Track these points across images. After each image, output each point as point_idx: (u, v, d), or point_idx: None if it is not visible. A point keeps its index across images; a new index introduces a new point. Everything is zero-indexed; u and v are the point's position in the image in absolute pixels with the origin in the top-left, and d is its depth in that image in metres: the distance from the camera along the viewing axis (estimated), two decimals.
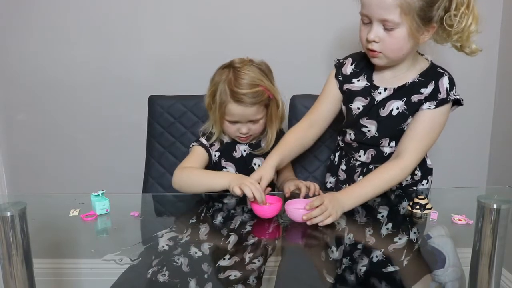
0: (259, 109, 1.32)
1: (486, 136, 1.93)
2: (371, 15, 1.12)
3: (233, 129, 1.33)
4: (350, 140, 1.33)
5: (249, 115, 1.30)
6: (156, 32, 1.78)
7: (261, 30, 1.78)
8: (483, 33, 1.83)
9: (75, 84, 1.84)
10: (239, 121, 1.32)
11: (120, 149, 1.90)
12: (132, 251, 0.95)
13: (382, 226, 1.08)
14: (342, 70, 1.31)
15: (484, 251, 0.67)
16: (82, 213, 1.14)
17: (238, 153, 1.39)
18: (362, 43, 1.19)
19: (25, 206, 0.64)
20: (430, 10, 1.09)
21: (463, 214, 1.09)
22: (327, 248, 1.00)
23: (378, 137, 1.26)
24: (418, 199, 1.14)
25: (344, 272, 0.89)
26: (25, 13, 1.77)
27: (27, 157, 1.93)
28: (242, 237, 1.02)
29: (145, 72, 1.82)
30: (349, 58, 1.33)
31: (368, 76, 1.27)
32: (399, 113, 1.22)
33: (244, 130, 1.32)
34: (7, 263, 0.64)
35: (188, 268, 0.90)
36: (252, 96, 1.28)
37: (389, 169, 1.18)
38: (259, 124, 1.35)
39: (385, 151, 1.28)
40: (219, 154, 1.39)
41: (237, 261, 0.91)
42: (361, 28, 1.18)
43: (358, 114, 1.27)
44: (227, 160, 1.38)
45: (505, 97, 1.83)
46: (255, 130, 1.35)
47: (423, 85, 1.20)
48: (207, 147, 1.38)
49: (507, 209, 0.65)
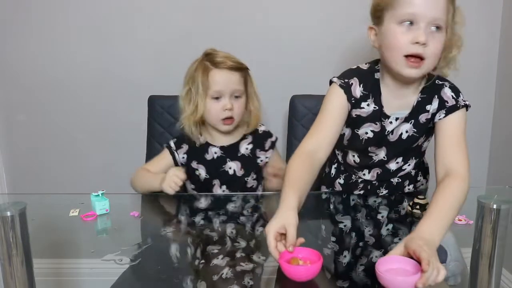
0: (240, 80, 1.33)
1: (486, 136, 1.93)
2: (422, 14, 1.01)
3: (217, 108, 1.30)
4: (354, 162, 1.26)
5: (233, 82, 1.31)
6: (156, 32, 1.78)
7: (261, 30, 1.78)
8: (483, 33, 1.84)
9: (75, 84, 1.84)
10: (223, 93, 1.30)
11: (120, 149, 1.90)
12: (132, 251, 0.95)
13: (382, 227, 1.08)
14: (352, 92, 1.16)
15: (484, 251, 0.67)
16: (82, 213, 1.14)
17: (210, 155, 1.38)
18: (401, 48, 1.04)
19: (25, 206, 0.64)
20: (453, 19, 1.05)
21: (463, 214, 1.09)
22: (327, 248, 0.99)
23: (387, 160, 1.22)
24: (418, 199, 1.14)
25: (344, 271, 0.89)
26: (25, 13, 1.77)
27: (27, 157, 1.93)
28: (242, 237, 1.02)
29: (145, 72, 1.82)
30: (354, 78, 1.17)
31: (376, 99, 1.16)
32: (409, 136, 1.17)
33: (228, 105, 1.30)
34: (7, 263, 0.64)
35: (188, 268, 0.90)
36: (232, 60, 1.32)
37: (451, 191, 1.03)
38: (241, 102, 1.34)
39: (391, 168, 1.24)
40: (188, 156, 1.38)
41: (237, 260, 0.91)
42: (395, 32, 1.04)
43: (367, 141, 1.19)
44: (199, 162, 1.37)
45: (505, 97, 1.83)
46: (238, 108, 1.33)
47: (427, 102, 1.14)
48: (172, 150, 1.39)
49: (507, 209, 0.65)
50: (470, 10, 1.81)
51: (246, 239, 1.01)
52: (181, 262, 0.92)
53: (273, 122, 1.86)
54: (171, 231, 1.07)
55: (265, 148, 1.40)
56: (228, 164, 1.37)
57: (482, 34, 1.82)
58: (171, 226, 1.11)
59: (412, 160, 1.24)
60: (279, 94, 1.73)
